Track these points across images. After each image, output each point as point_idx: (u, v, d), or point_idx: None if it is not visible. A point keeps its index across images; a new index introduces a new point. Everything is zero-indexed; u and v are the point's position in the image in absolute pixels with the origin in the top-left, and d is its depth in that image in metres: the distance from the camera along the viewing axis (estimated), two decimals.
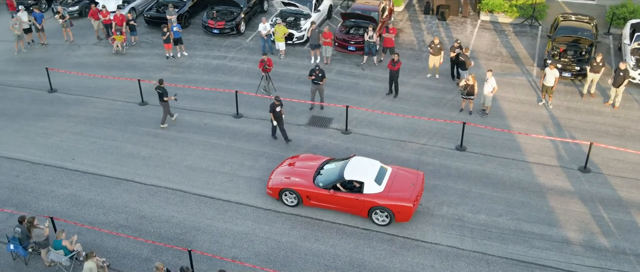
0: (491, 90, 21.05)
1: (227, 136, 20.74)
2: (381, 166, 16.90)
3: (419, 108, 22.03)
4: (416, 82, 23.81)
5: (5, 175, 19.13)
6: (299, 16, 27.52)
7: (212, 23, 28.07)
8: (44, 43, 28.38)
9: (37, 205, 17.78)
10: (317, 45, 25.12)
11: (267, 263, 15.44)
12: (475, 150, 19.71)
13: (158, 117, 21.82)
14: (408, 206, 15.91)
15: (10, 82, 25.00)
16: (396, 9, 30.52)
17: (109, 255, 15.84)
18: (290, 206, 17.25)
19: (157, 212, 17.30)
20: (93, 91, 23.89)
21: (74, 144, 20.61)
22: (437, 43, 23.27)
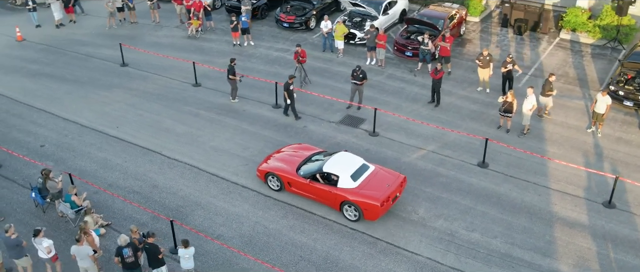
0: (530, 108, 20.13)
1: (259, 123, 21.55)
2: (363, 164, 17.07)
3: (456, 120, 21.49)
4: (464, 94, 23.20)
5: (56, 133, 21.28)
6: (366, 17, 27.70)
7: (283, 17, 29.05)
8: (133, 21, 30.87)
9: (72, 162, 19.65)
10: (373, 47, 25.23)
11: (246, 245, 16.04)
12: (497, 168, 18.97)
13: (205, 99, 23.15)
14: (375, 204, 15.94)
15: (93, 54, 27.57)
16: (472, 19, 29.73)
17: (113, 216, 17.23)
18: (274, 189, 17.92)
19: (169, 184, 18.48)
20: (157, 69, 25.73)
21: (123, 113, 22.41)
22: (485, 55, 22.55)
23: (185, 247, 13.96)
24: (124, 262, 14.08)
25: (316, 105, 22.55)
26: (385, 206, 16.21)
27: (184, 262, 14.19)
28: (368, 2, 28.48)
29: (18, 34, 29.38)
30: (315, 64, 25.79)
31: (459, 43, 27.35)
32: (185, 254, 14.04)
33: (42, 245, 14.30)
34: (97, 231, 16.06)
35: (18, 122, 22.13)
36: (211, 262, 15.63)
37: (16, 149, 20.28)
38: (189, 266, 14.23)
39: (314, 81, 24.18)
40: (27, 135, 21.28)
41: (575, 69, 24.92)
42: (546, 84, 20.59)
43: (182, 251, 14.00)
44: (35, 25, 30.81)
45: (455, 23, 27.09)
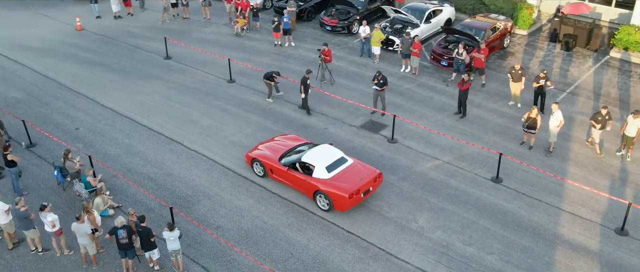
0: (557, 125, 19.49)
1: (282, 122, 21.98)
2: (341, 157, 17.70)
3: (479, 133, 21.12)
4: (494, 107, 22.74)
5: (92, 118, 22.53)
6: (408, 25, 27.61)
7: (327, 20, 29.41)
8: (186, 17, 32.12)
9: (100, 146, 20.77)
10: (407, 54, 25.14)
11: (242, 238, 16.48)
12: (510, 185, 18.52)
13: (236, 95, 23.88)
14: (343, 196, 16.52)
15: (141, 46, 28.91)
16: (520, 32, 29.00)
17: (125, 199, 18.12)
18: (259, 175, 18.86)
19: (183, 174, 19.21)
20: (198, 63, 26.69)
21: (156, 104, 23.42)
22: (517, 68, 22.01)
23: (170, 230, 14.52)
24: (119, 242, 14.79)
25: (342, 108, 22.72)
26: (355, 199, 16.69)
27: (170, 244, 14.76)
28: (411, 10, 28.34)
29: (78, 24, 31.18)
30: (350, 67, 25.96)
31: (500, 55, 26.76)
32: (170, 236, 14.62)
33: (46, 219, 15.22)
34: (105, 211, 16.93)
35: (60, 105, 23.54)
36: (204, 251, 16.14)
37: (53, 130, 21.62)
38: (175, 246, 14.80)
39: (345, 85, 24.36)
40: (65, 117, 22.63)
41: (619, 89, 23.86)
42: (597, 115, 19.64)
43: (167, 234, 14.58)
44: (95, 16, 32.55)
45: (498, 35, 26.49)
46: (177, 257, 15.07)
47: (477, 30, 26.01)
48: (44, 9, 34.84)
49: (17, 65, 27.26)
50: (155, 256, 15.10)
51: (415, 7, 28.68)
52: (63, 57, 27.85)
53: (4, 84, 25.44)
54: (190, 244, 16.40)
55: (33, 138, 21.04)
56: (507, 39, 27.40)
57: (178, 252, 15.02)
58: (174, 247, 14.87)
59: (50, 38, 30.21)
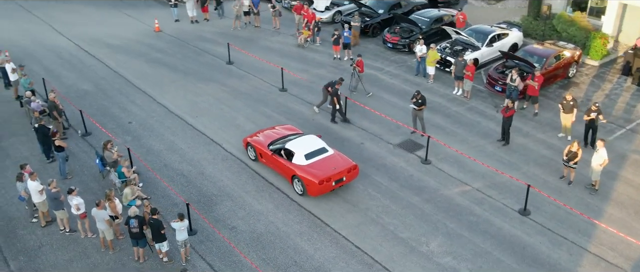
0: (601, 163, 18.52)
1: (320, 132, 22.19)
2: (322, 147, 18.96)
3: (519, 163, 20.43)
4: (542, 137, 21.90)
5: (145, 114, 23.94)
6: (468, 47, 27.16)
7: (389, 37, 29.48)
8: (257, 26, 33.28)
9: (145, 140, 22.02)
10: (460, 77, 24.75)
11: (253, 241, 16.93)
12: (537, 219, 17.81)
13: (283, 103, 24.56)
14: (314, 181, 17.77)
15: (208, 50, 30.29)
16: (591, 62, 27.68)
17: (155, 191, 19.11)
18: (251, 159, 20.43)
19: (214, 174, 19.98)
20: (256, 71, 27.60)
21: (208, 106, 24.47)
22: (569, 99, 21.09)
23: (180, 221, 15.20)
24: (130, 231, 15.66)
25: (383, 125, 22.71)
26: (325, 186, 17.87)
27: (179, 234, 15.45)
28: (475, 32, 27.83)
29: (156, 25, 33.09)
30: (402, 86, 25.88)
31: (563, 85, 25.66)
32: (180, 226, 15.29)
33: (72, 202, 16.38)
34: (133, 202, 17.88)
35: (121, 99, 25.15)
36: (214, 249, 16.73)
37: (108, 122, 23.16)
38: (183, 237, 15.48)
39: (392, 102, 24.34)
40: (123, 111, 24.14)
41: None
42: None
43: (176, 224, 15.29)
44: (174, 19, 34.40)
45: (561, 63, 25.43)
46: (186, 247, 15.71)
47: (539, 57, 25.08)
48: (129, 10, 37.26)
49: (94, 60, 29.35)
50: (164, 248, 15.82)
51: (479, 30, 28.11)
52: (135, 55, 29.65)
53: (79, 77, 27.48)
54: (202, 241, 17.03)
55: (89, 128, 22.54)
56: (572, 68, 26.21)
57: (186, 242, 15.66)
58: (181, 237, 15.53)
59: (128, 37, 32.26)
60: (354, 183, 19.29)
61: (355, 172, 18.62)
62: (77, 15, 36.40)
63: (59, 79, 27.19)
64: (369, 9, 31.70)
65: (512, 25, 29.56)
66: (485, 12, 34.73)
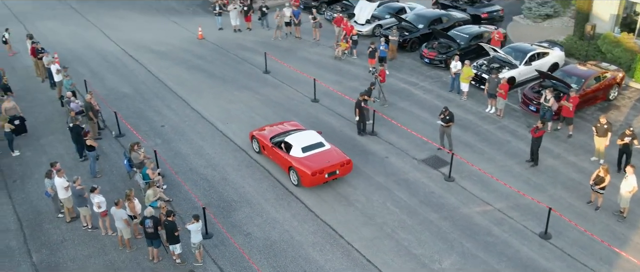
0: (630, 190, 17.91)
1: (347, 146, 22.28)
2: (320, 142, 20.06)
3: (545, 185, 19.96)
4: (573, 160, 21.32)
5: (178, 118, 24.58)
6: (505, 65, 26.75)
7: (426, 52, 29.34)
8: (298, 36, 33.68)
9: (175, 144, 22.63)
10: (493, 94, 24.40)
11: (266, 248, 17.14)
12: (558, 243, 17.35)
13: (314, 114, 24.77)
14: (307, 172, 18.93)
15: (247, 58, 30.87)
16: (636, 85, 26.77)
17: (178, 194, 19.58)
18: (255, 151, 21.83)
19: (236, 180, 20.33)
20: (291, 81, 27.94)
21: (239, 113, 24.93)
22: (603, 123, 20.49)
23: (196, 222, 15.55)
24: (146, 231, 16.11)
25: (410, 140, 22.59)
26: (318, 177, 18.99)
27: (193, 236, 15.83)
28: (515, 50, 27.41)
29: (200, 33, 33.95)
30: (434, 101, 25.69)
31: (602, 107, 24.91)
32: (195, 228, 15.66)
33: (94, 200, 16.98)
34: (154, 203, 18.36)
35: (157, 103, 25.91)
36: (227, 253, 17.01)
37: (142, 124, 23.93)
38: (197, 239, 15.97)
39: (422, 117, 24.28)
40: (157, 115, 24.87)
41: None
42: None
43: (191, 226, 15.63)
44: (218, 28, 35.21)
45: (602, 85, 24.70)
46: (200, 250, 16.04)
47: (578, 77, 24.44)
48: (175, 17, 38.37)
49: (136, 64, 30.34)
50: (177, 250, 16.18)
51: (518, 48, 27.64)
52: (177, 61, 30.49)
53: (121, 80, 28.47)
54: (216, 245, 17.33)
55: (123, 129, 23.30)
56: (614, 90, 25.40)
57: (200, 244, 15.98)
58: (196, 240, 15.88)
59: (172, 43, 33.20)
60: (372, 196, 19.25)
61: (349, 167, 19.68)
62: (127, 21, 37.72)
63: (101, 82, 28.21)
64: (409, 24, 31.60)
65: (554, 44, 28.88)
66: (530, 29, 34.11)
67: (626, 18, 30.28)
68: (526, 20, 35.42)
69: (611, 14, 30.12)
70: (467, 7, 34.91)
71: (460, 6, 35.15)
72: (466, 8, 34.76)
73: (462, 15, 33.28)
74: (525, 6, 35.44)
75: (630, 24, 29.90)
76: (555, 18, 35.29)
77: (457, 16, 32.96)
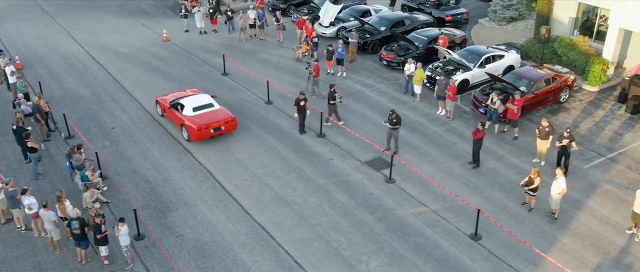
0: (559, 192, 18.05)
1: (293, 147, 22.48)
2: (210, 103, 23.16)
3: (484, 186, 20.09)
4: (515, 162, 21.46)
5: (130, 120, 24.75)
6: (460, 67, 26.89)
7: (384, 54, 29.47)
8: (262, 39, 33.78)
9: (122, 146, 22.74)
10: (442, 97, 24.54)
11: (195, 250, 17.27)
12: (487, 245, 17.48)
13: (265, 116, 24.83)
14: (193, 127, 22.02)
15: (208, 60, 30.99)
16: (589, 88, 26.91)
17: (117, 196, 19.68)
18: (159, 114, 24.71)
19: (177, 182, 20.47)
20: (248, 82, 28.07)
21: None
22: (545, 126, 20.62)
23: (122, 225, 15.67)
24: (72, 233, 16.21)
25: (357, 142, 22.71)
26: (204, 132, 22.10)
27: (121, 238, 15.92)
28: (469, 53, 27.56)
29: (164, 35, 34.05)
30: (388, 103, 25.83)
31: (552, 110, 25.04)
32: (123, 231, 15.73)
33: (25, 202, 17.07)
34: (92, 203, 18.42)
35: (111, 105, 26.02)
36: (157, 255, 17.11)
37: (93, 126, 24.05)
38: (125, 241, 16.12)
39: (373, 119, 24.47)
40: (109, 117, 24.97)
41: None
42: None
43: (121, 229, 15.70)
44: (184, 30, 35.32)
45: (552, 88, 24.83)
46: (128, 254, 16.16)
47: (528, 80, 24.57)
48: (144, 19, 38.49)
49: (97, 66, 30.46)
50: (103, 252, 16.26)
51: (473, 50, 27.79)
52: (138, 63, 30.60)
53: (78, 81, 28.58)
54: (147, 246, 17.44)
55: (73, 131, 23.41)
56: (564, 93, 25.53)
57: (128, 247, 16.09)
58: (124, 242, 15.99)
59: (137, 45, 33.31)
60: (310, 198, 19.38)
61: (234, 124, 22.80)
62: (96, 24, 37.79)
63: (59, 83, 28.32)
64: (371, 26, 31.72)
65: (511, 47, 29.03)
66: (494, 32, 34.27)
67: (586, 21, 30.42)
68: (491, 23, 35.59)
69: (570, 17, 30.30)
70: (433, 9, 34.99)
71: (425, 9, 35.23)
72: (431, 11, 34.85)
73: (425, 17, 33.41)
74: (491, 9, 35.59)
75: (591, 27, 30.06)
76: (519, 21, 35.45)
77: (420, 19, 33.10)
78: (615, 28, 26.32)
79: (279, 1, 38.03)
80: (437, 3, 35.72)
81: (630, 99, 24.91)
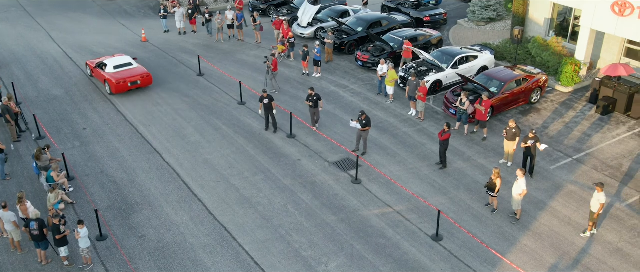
0: (520, 193, 18.16)
1: (262, 148, 22.55)
2: (129, 62, 27.33)
3: (449, 187, 20.18)
4: (482, 163, 21.56)
5: (102, 121, 24.73)
6: (434, 68, 26.99)
7: (360, 55, 29.55)
8: (240, 39, 33.83)
9: (92, 147, 22.76)
10: (413, 97, 24.63)
11: (156, 250, 17.33)
12: (448, 245, 17.57)
13: (237, 116, 24.87)
14: (113, 81, 26.24)
15: (184, 61, 31.01)
16: (562, 89, 27.04)
17: (82, 197, 19.71)
18: (87, 74, 28.80)
19: (144, 182, 20.51)
20: (222, 83, 28.12)
21: (162, 115, 25.07)
22: (512, 127, 20.73)
23: (81, 227, 15.70)
24: (31, 234, 16.23)
25: (326, 143, 22.78)
26: (122, 85, 26.35)
27: (80, 240, 15.96)
28: (443, 53, 27.67)
29: (143, 36, 34.05)
30: (361, 104, 25.92)
31: (523, 111, 25.16)
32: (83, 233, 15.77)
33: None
34: (56, 205, 18.46)
35: (85, 106, 26.03)
36: (117, 256, 17.12)
37: (65, 127, 24.04)
38: (84, 244, 16.16)
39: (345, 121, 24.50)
40: (82, 117, 24.99)
41: (637, 164, 21.41)
42: None
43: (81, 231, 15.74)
44: (164, 30, 35.33)
45: (522, 89, 24.95)
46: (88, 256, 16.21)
47: (499, 81, 24.69)
48: (125, 19, 38.49)
49: (73, 66, 30.46)
50: (62, 253, 16.30)
51: (446, 51, 27.90)
52: None
53: (54, 82, 28.57)
54: (108, 247, 17.48)
55: (44, 132, 23.40)
56: (536, 94, 25.65)
57: (87, 248, 16.12)
58: (83, 244, 16.02)
59: (115, 46, 33.30)
60: (275, 199, 19.46)
61: (149, 79, 27.05)
62: (76, 24, 37.77)
63: (35, 84, 28.30)
64: (348, 27, 31.80)
65: (485, 47, 29.14)
66: (472, 32, 34.40)
67: (563, 22, 30.57)
68: (470, 24, 35.72)
69: (545, 18, 30.44)
70: (411, 10, 35.09)
71: (404, 10, 35.33)
72: (409, 12, 34.95)
73: (403, 18, 33.49)
74: (470, 10, 35.71)
75: (567, 28, 30.22)
76: (498, 21, 35.59)
77: (398, 19, 33.19)
78: (586, 29, 26.45)
79: (259, 1, 38.05)
80: (416, 4, 35.79)
81: (601, 100, 25.02)
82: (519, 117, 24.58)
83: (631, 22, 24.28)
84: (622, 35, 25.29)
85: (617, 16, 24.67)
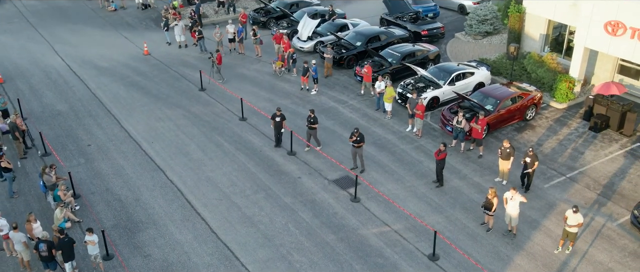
0: (517, 213, 18.75)
1: (263, 166, 23.07)
2: None
3: (445, 206, 20.74)
4: (478, 181, 22.11)
5: (106, 137, 25.26)
6: (431, 85, 27.54)
7: (358, 70, 30.09)
8: (241, 52, 34.34)
9: (97, 164, 23.28)
10: (412, 115, 25.17)
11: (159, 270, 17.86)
12: (444, 265, 18.13)
13: (239, 133, 25.39)
14: None
15: (186, 75, 31.54)
16: (556, 105, 27.61)
17: (88, 215, 20.22)
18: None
19: (148, 200, 21.02)
20: (224, 98, 28.63)
21: (165, 131, 25.60)
22: (506, 146, 21.29)
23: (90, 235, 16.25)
24: (40, 255, 16.76)
25: (325, 161, 23.29)
26: None
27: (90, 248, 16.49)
28: (439, 70, 28.21)
29: (145, 49, 34.57)
30: (360, 120, 26.45)
31: (518, 128, 25.72)
32: (90, 240, 16.31)
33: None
34: (62, 224, 18.99)
35: (89, 122, 26.54)
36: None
37: (70, 143, 24.56)
38: (93, 251, 16.78)
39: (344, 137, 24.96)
40: (86, 133, 25.50)
41: (628, 182, 21.99)
42: None
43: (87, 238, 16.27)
44: (166, 42, 35.85)
45: (518, 106, 25.51)
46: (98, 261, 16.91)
47: (494, 98, 25.24)
48: (127, 32, 38.99)
49: (77, 80, 30.97)
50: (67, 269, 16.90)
51: (443, 68, 28.46)
52: (117, 78, 31.12)
53: (58, 97, 29.09)
54: (115, 266, 18.00)
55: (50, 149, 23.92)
56: (531, 111, 26.21)
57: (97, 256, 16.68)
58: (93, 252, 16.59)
59: (117, 59, 33.82)
60: (276, 217, 20.05)
61: None
62: (79, 36, 38.26)
63: (39, 99, 28.82)
64: (346, 42, 32.34)
65: (482, 63, 29.69)
66: (469, 46, 34.96)
67: (558, 37, 31.15)
68: (467, 37, 36.27)
69: (540, 34, 31.01)
70: (409, 24, 35.63)
71: (402, 23, 35.87)
72: (407, 26, 35.48)
73: (401, 32, 34.02)
74: (467, 23, 36.26)
75: (562, 44, 30.79)
76: (495, 35, 36.16)
77: (396, 34, 33.71)
78: (580, 47, 27.01)
79: (259, 14, 38.60)
80: (414, 17, 36.34)
81: (594, 117, 25.59)
82: (514, 134, 25.14)
83: (624, 42, 24.84)
84: (616, 55, 25.87)
85: (610, 36, 25.23)
